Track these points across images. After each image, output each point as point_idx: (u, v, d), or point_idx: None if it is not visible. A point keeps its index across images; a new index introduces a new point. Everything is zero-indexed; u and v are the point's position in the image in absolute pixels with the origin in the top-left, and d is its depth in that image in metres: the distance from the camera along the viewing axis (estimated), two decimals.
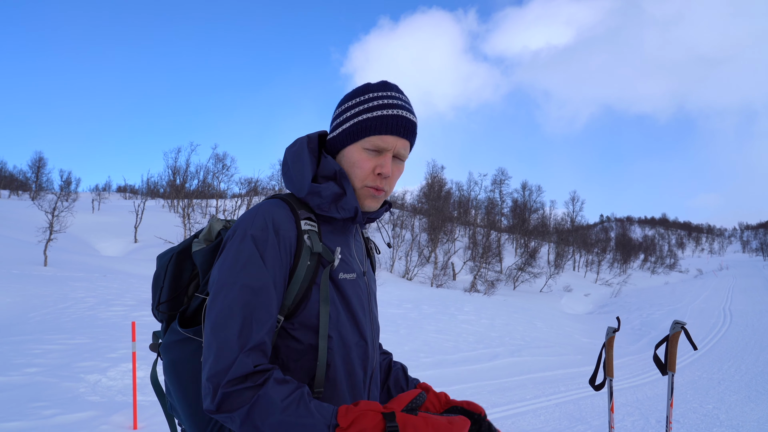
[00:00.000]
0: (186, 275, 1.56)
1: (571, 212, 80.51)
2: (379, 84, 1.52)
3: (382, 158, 1.46)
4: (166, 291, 1.56)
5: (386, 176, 1.45)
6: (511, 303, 30.77)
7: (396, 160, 1.50)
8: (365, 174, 1.46)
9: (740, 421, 7.90)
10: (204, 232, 1.54)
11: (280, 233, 1.36)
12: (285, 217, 1.39)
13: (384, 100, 1.46)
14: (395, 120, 1.44)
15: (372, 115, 1.44)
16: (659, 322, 21.77)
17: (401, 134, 1.45)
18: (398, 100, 1.48)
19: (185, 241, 1.59)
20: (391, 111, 1.44)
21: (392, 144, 1.45)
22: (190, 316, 1.52)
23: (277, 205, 1.42)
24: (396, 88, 1.52)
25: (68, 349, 8.80)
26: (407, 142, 1.49)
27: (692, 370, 12.40)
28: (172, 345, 1.50)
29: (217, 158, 60.38)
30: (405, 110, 1.47)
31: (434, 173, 62.52)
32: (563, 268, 59.87)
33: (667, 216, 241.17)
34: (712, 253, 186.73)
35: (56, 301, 13.40)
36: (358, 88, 1.53)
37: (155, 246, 39.13)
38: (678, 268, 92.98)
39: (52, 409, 6.12)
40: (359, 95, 1.50)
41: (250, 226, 1.35)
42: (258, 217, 1.37)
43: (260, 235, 1.34)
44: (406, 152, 1.51)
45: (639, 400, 9.13)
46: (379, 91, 1.49)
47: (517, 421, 7.38)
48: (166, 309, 1.55)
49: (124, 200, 76.53)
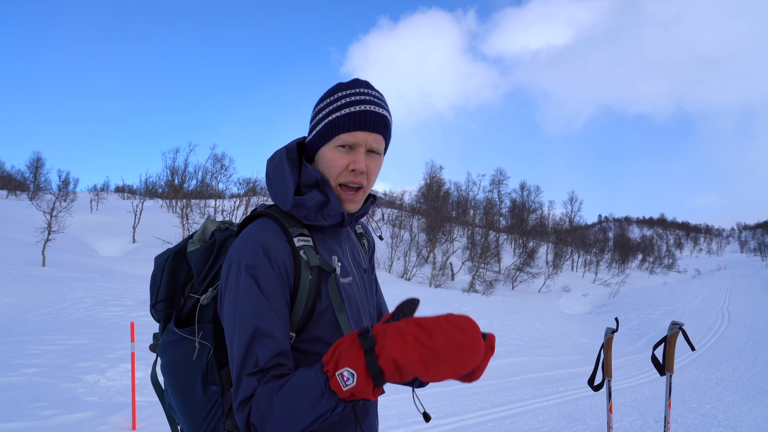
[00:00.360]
0: (182, 276, 1.59)
1: (570, 212, 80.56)
2: (349, 82, 1.53)
3: (355, 154, 1.46)
4: (163, 291, 1.58)
5: (360, 171, 1.46)
6: (510, 303, 30.80)
7: (371, 155, 1.50)
8: (339, 171, 1.47)
9: (738, 421, 7.92)
10: (198, 233, 1.57)
11: (272, 255, 1.37)
12: (275, 238, 1.40)
13: (352, 97, 1.48)
14: (363, 115, 1.45)
15: (341, 113, 1.46)
16: (657, 322, 21.81)
17: (370, 128, 1.46)
18: (366, 95, 1.49)
19: (181, 242, 1.62)
20: (358, 107, 1.46)
21: (362, 139, 1.46)
22: (185, 316, 1.54)
23: (264, 229, 1.42)
24: (366, 84, 1.53)
25: (67, 350, 8.79)
26: (379, 135, 1.49)
27: (690, 370, 12.43)
28: (168, 345, 1.52)
29: (215, 158, 60.44)
30: (373, 105, 1.48)
31: (433, 173, 62.62)
32: (561, 269, 59.94)
33: (665, 216, 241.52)
34: (711, 254, 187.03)
35: (55, 301, 13.39)
36: (330, 89, 1.54)
37: (153, 246, 39.11)
38: (676, 268, 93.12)
39: (51, 410, 6.12)
40: (329, 96, 1.51)
41: (243, 256, 1.37)
42: (248, 245, 1.38)
43: (253, 262, 1.35)
44: (380, 146, 1.51)
45: (637, 400, 9.15)
46: (348, 89, 1.50)
47: (515, 422, 7.39)
48: (162, 308, 1.58)
49: (122, 200, 76.48)
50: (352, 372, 1.12)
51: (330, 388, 1.15)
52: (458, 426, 7.00)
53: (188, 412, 1.48)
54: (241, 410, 1.26)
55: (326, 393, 1.15)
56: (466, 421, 7.27)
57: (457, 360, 1.09)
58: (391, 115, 1.57)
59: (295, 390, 1.20)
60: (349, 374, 1.12)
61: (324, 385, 1.16)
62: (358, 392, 1.13)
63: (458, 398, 8.53)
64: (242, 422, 1.26)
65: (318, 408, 1.17)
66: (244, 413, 1.26)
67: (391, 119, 1.56)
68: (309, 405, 1.17)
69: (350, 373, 1.12)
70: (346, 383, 1.12)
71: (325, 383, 1.16)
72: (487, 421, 7.32)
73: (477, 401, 8.44)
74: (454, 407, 7.94)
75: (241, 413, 1.26)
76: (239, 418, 1.27)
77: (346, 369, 1.12)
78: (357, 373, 1.11)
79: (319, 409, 1.17)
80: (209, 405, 1.44)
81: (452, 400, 8.39)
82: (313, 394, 1.16)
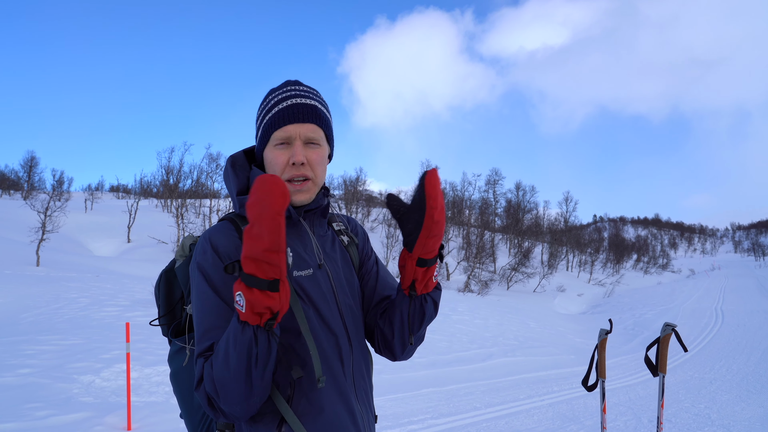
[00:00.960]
0: (178, 292, 1.70)
1: (565, 212, 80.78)
2: (279, 85, 1.60)
3: (293, 148, 1.50)
4: (162, 307, 1.70)
5: (300, 163, 1.48)
6: (505, 303, 30.86)
7: (310, 146, 1.52)
8: (281, 167, 1.50)
9: (731, 420, 7.96)
10: (178, 250, 1.66)
11: (220, 250, 1.43)
12: (224, 235, 1.46)
13: (279, 96, 1.54)
14: (290, 109, 1.50)
15: (271, 113, 1.52)
16: (652, 322, 21.90)
17: (300, 120, 1.50)
18: (292, 91, 1.54)
19: (171, 261, 1.72)
20: (284, 103, 1.51)
21: (295, 132, 1.49)
22: (183, 327, 1.64)
23: (218, 228, 1.49)
24: (294, 82, 1.59)
25: (61, 350, 8.77)
26: (312, 125, 1.52)
27: (684, 370, 12.49)
28: (173, 356, 1.64)
29: (210, 158, 60.22)
30: (300, 97, 1.53)
31: None
32: (556, 268, 60.12)
33: (659, 216, 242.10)
34: (705, 254, 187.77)
35: (49, 301, 13.34)
36: (264, 96, 1.61)
37: (148, 246, 39.01)
38: (670, 268, 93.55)
39: (45, 410, 6.11)
40: (263, 102, 1.59)
41: (198, 255, 1.45)
42: (200, 245, 1.46)
43: (202, 259, 1.43)
44: (317, 135, 1.53)
45: (631, 399, 9.19)
46: (277, 91, 1.57)
47: (510, 421, 7.42)
48: (165, 323, 1.70)
49: (117, 200, 76.20)
50: (239, 294, 1.19)
51: (240, 320, 1.22)
52: (453, 426, 7.02)
53: (189, 416, 1.60)
54: (198, 389, 1.33)
55: (239, 326, 1.22)
56: (461, 420, 7.30)
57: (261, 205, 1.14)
58: (326, 106, 1.61)
59: (221, 343, 1.28)
60: (239, 297, 1.20)
61: (236, 320, 1.23)
62: (255, 305, 1.19)
63: (453, 398, 8.55)
64: (203, 400, 1.32)
65: (239, 345, 1.22)
66: (201, 391, 1.32)
67: (327, 110, 1.60)
68: (233, 348, 1.23)
69: (239, 295, 1.20)
70: (241, 306, 1.20)
71: (236, 318, 1.23)
72: (483, 421, 7.35)
73: (472, 401, 8.46)
74: (449, 407, 7.96)
75: (198, 391, 1.32)
76: (200, 397, 1.33)
77: (237, 294, 1.20)
78: (242, 290, 1.19)
79: (240, 346, 1.22)
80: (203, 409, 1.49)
81: (447, 399, 8.41)
82: (233, 336, 1.23)
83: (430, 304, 1.61)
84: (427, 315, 1.62)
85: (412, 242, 1.45)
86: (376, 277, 1.77)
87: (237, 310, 1.22)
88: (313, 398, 1.44)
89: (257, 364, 1.23)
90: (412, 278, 1.51)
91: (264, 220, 1.14)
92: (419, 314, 1.60)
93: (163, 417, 6.27)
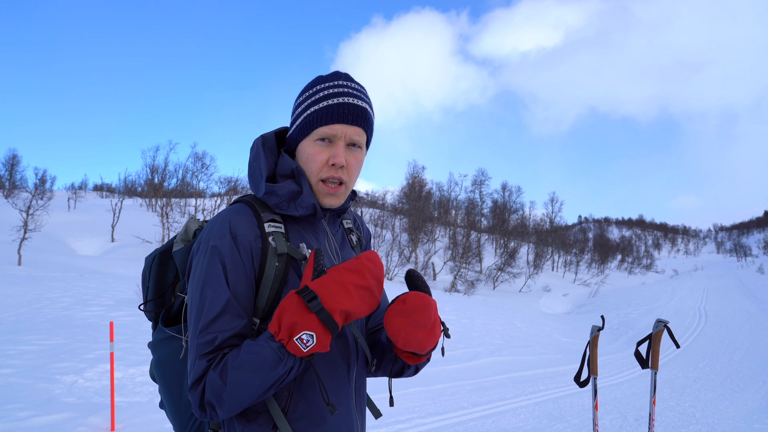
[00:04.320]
0: (171, 275, 1.60)
1: (551, 213, 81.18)
2: (328, 75, 1.51)
3: (335, 148, 1.44)
4: (152, 290, 1.59)
5: (340, 165, 1.43)
6: (491, 303, 30.99)
7: (352, 149, 1.47)
8: (319, 166, 1.44)
9: (716, 418, 8.04)
10: (181, 233, 1.57)
11: (238, 237, 1.35)
12: (245, 222, 1.38)
13: (330, 90, 1.45)
14: (341, 108, 1.43)
15: (319, 106, 1.43)
16: (636, 322, 22.08)
17: (349, 121, 1.43)
18: (345, 87, 1.46)
19: (168, 242, 1.62)
20: (336, 99, 1.43)
21: (341, 132, 1.43)
22: (174, 315, 1.56)
23: (236, 211, 1.41)
24: (345, 77, 1.50)
25: (44, 350, 8.64)
26: (359, 128, 1.46)
27: (669, 369, 12.59)
28: (158, 343, 1.54)
29: (196, 157, 59.82)
30: (352, 97, 1.45)
31: (415, 173, 62.69)
32: (542, 269, 60.43)
33: (643, 217, 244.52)
34: (688, 254, 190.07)
35: (31, 301, 13.16)
36: (310, 82, 1.52)
37: (133, 245, 38.65)
38: (654, 268, 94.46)
39: (27, 411, 6.00)
40: (309, 89, 1.49)
41: (212, 236, 1.37)
42: (217, 226, 1.38)
43: (219, 243, 1.35)
44: (361, 139, 1.47)
45: (617, 398, 9.25)
46: (327, 82, 1.47)
47: (497, 420, 7.42)
48: (151, 308, 1.59)
49: (100, 199, 75.40)
50: (311, 334, 1.17)
51: (288, 353, 1.20)
52: (440, 425, 7.01)
53: (175, 409, 1.51)
54: (193, 391, 1.28)
55: (284, 358, 1.20)
56: (448, 420, 7.28)
57: (380, 288, 1.24)
58: (373, 109, 1.54)
59: (248, 362, 1.23)
60: (308, 336, 1.18)
61: (279, 350, 1.20)
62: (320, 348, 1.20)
63: (440, 397, 8.54)
64: (196, 402, 1.28)
65: (275, 372, 1.21)
66: (196, 393, 1.27)
67: (373, 112, 1.53)
68: (265, 373, 1.21)
69: (309, 335, 1.17)
70: (306, 345, 1.18)
71: (279, 349, 1.20)
72: (469, 420, 7.34)
73: (459, 400, 8.46)
74: (436, 406, 7.95)
75: (193, 393, 1.28)
76: (192, 398, 1.28)
77: (305, 333, 1.17)
78: (315, 333, 1.17)
79: (276, 374, 1.22)
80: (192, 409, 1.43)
81: (434, 399, 8.40)
82: (267, 363, 1.20)
83: (411, 371, 1.62)
84: (404, 375, 1.63)
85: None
86: None
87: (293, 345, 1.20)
88: (312, 401, 1.39)
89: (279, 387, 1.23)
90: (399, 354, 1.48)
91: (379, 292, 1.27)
92: (397, 370, 1.60)
93: (147, 417, 6.19)
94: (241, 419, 1.35)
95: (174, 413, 1.51)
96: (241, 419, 1.35)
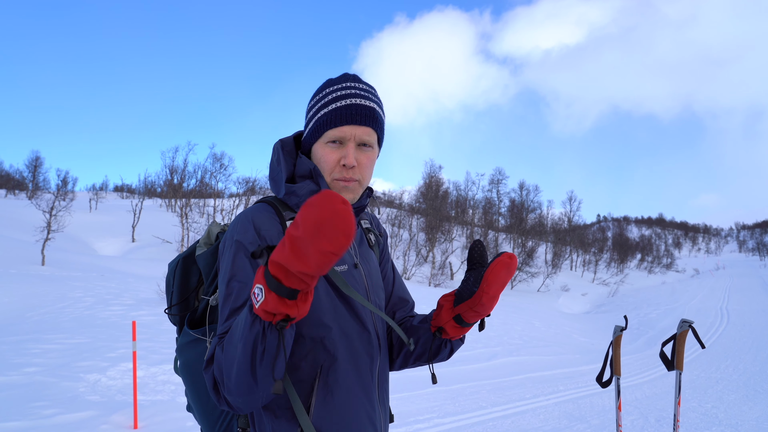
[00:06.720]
0: (194, 279, 1.63)
1: (569, 212, 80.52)
2: (337, 77, 1.54)
3: (345, 149, 1.47)
4: (176, 295, 1.64)
5: (350, 166, 1.46)
6: (509, 302, 30.84)
7: (363, 148, 1.49)
8: (331, 167, 1.48)
9: (739, 420, 7.92)
10: (204, 237, 1.61)
11: (262, 233, 1.40)
12: (267, 218, 1.44)
13: (338, 92, 1.48)
14: (349, 109, 1.45)
15: (327, 109, 1.47)
16: (656, 322, 21.84)
17: (357, 122, 1.46)
18: (352, 89, 1.49)
19: (191, 246, 1.66)
20: (344, 102, 1.46)
21: (350, 133, 1.46)
22: (198, 318, 1.59)
23: (259, 209, 1.47)
24: (353, 78, 1.53)
25: (67, 349, 8.78)
26: (368, 128, 1.48)
27: (691, 369, 12.44)
28: (185, 346, 1.56)
29: (215, 157, 60.23)
30: (359, 98, 1.47)
31: (432, 173, 62.59)
32: (560, 268, 59.97)
33: (663, 216, 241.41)
34: (709, 253, 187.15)
35: (54, 300, 13.37)
36: (320, 86, 1.55)
37: (153, 245, 39.09)
38: (675, 267, 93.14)
39: (51, 409, 6.11)
40: (318, 93, 1.53)
41: (236, 232, 1.41)
42: (240, 223, 1.42)
43: (243, 238, 1.39)
44: (371, 138, 1.50)
45: (638, 399, 9.16)
46: (335, 84, 1.50)
47: (516, 421, 7.39)
48: (176, 311, 1.63)
49: (121, 200, 76.32)
50: (260, 287, 1.11)
51: (253, 312, 1.15)
52: (459, 425, 7.00)
53: (203, 411, 1.53)
54: (207, 370, 1.30)
55: (250, 317, 1.15)
56: (467, 420, 7.27)
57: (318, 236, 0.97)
58: (383, 107, 1.57)
59: (234, 328, 1.23)
60: (258, 290, 1.12)
61: (248, 310, 1.16)
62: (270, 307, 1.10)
63: (459, 397, 8.53)
64: (210, 382, 1.29)
65: (246, 337, 1.16)
66: (209, 372, 1.29)
67: (382, 111, 1.56)
68: (242, 336, 1.17)
69: (258, 288, 1.12)
70: (257, 299, 1.12)
71: (249, 308, 1.17)
72: (488, 420, 7.32)
73: (478, 400, 8.44)
74: (455, 406, 7.94)
75: (207, 372, 1.29)
76: (207, 379, 1.30)
77: (256, 286, 1.13)
78: (263, 286, 1.10)
79: (247, 339, 1.15)
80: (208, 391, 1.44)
81: (453, 399, 8.39)
82: (244, 326, 1.18)
83: (447, 351, 1.61)
84: (439, 357, 1.61)
85: (458, 301, 1.46)
86: (393, 280, 1.77)
87: (251, 300, 1.14)
88: (336, 393, 1.41)
89: (263, 361, 1.17)
90: (443, 323, 1.50)
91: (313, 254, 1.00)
92: (433, 353, 1.60)
93: (169, 416, 6.26)
94: (269, 415, 1.37)
95: (202, 414, 1.53)
96: (269, 415, 1.37)
